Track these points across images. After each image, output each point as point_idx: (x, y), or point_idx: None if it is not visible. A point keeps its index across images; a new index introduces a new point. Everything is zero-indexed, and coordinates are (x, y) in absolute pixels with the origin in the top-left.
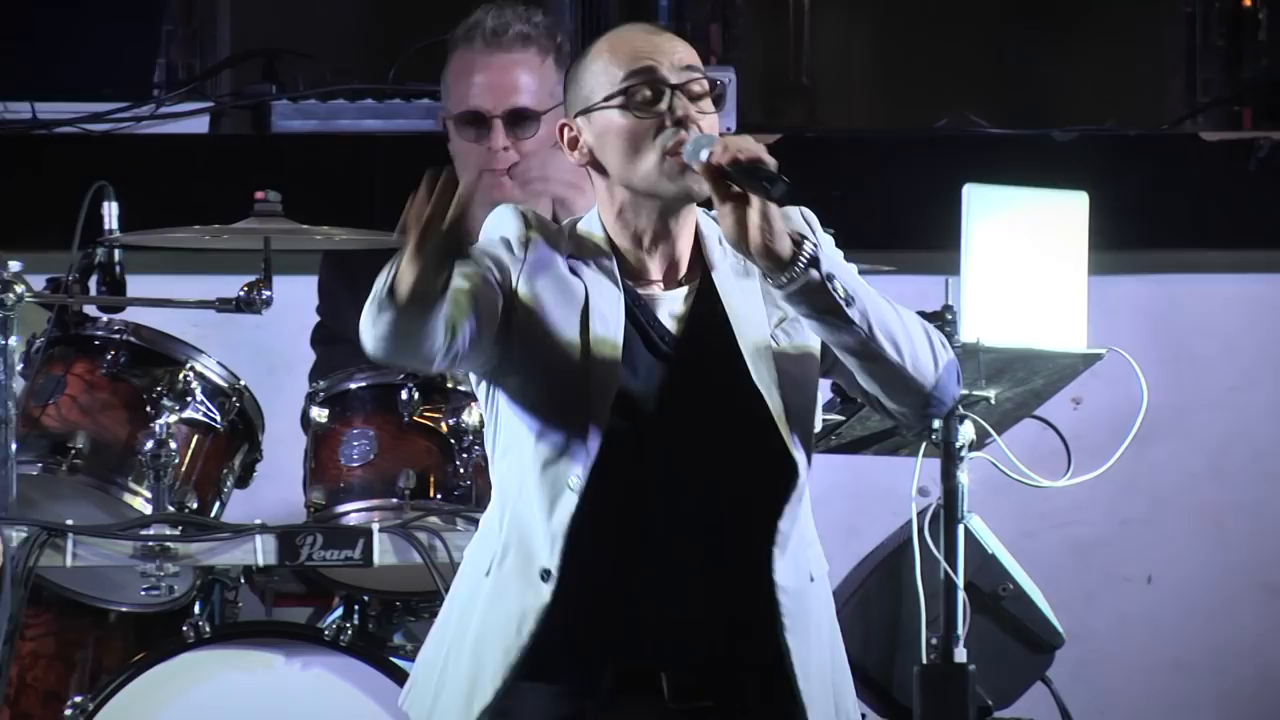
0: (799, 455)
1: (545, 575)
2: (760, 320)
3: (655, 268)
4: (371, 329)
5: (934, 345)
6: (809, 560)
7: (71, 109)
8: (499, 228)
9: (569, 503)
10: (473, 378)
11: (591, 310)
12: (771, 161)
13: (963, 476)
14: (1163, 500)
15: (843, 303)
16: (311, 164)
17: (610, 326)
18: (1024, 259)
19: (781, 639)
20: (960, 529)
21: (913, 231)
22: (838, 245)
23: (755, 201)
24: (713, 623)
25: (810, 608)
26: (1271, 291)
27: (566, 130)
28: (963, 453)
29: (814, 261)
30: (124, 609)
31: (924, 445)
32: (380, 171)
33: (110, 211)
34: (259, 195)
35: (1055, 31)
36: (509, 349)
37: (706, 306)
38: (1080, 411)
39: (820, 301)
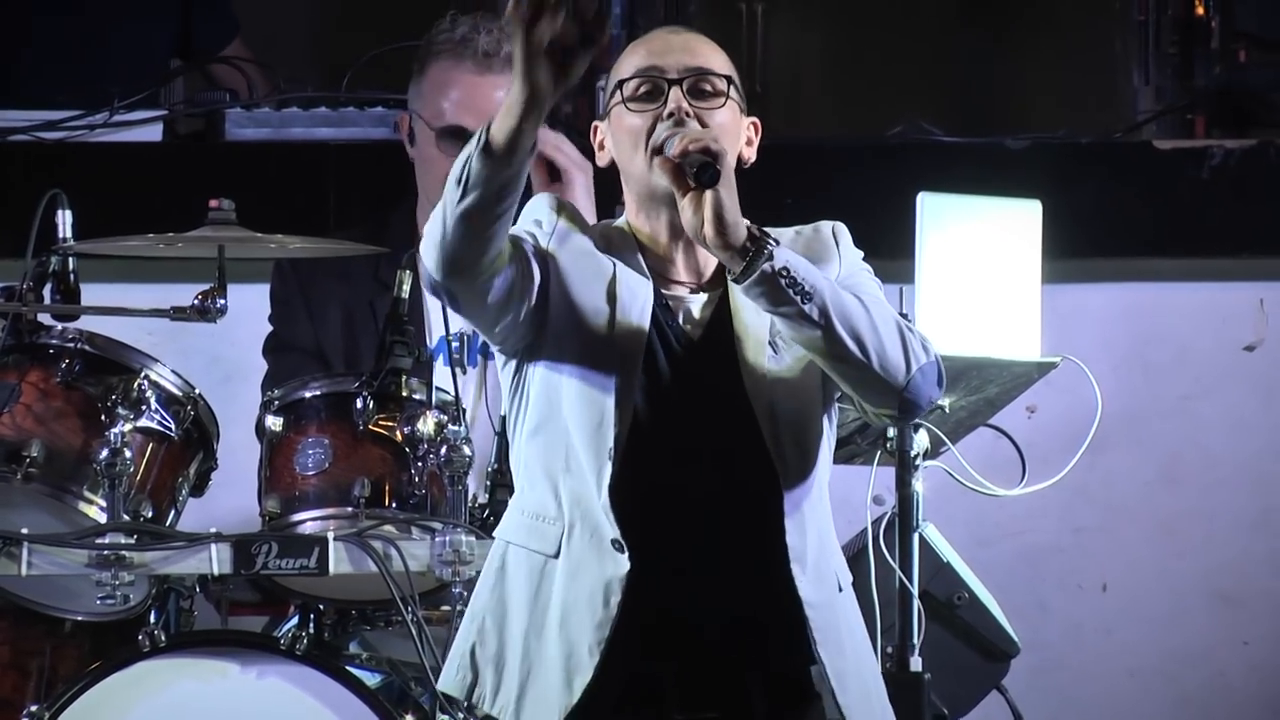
0: (785, 466)
1: (618, 545)
2: (764, 329)
3: (680, 269)
4: (444, 223)
5: (908, 346)
6: (834, 569)
7: (25, 116)
8: (532, 211)
9: (608, 473)
10: (499, 359)
11: (619, 283)
12: (718, 149)
13: (917, 485)
14: (1116, 508)
15: (797, 298)
16: (265, 172)
17: (638, 298)
18: (978, 267)
19: (815, 654)
20: (915, 537)
21: (866, 239)
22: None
23: (709, 194)
24: (743, 636)
25: (840, 617)
26: (1224, 299)
27: (596, 133)
28: (917, 461)
29: (769, 256)
30: (79, 618)
31: (879, 454)
32: (334, 179)
33: (64, 219)
34: (213, 203)
35: (1008, 39)
36: (544, 319)
37: (723, 313)
38: (1034, 420)
39: (775, 295)
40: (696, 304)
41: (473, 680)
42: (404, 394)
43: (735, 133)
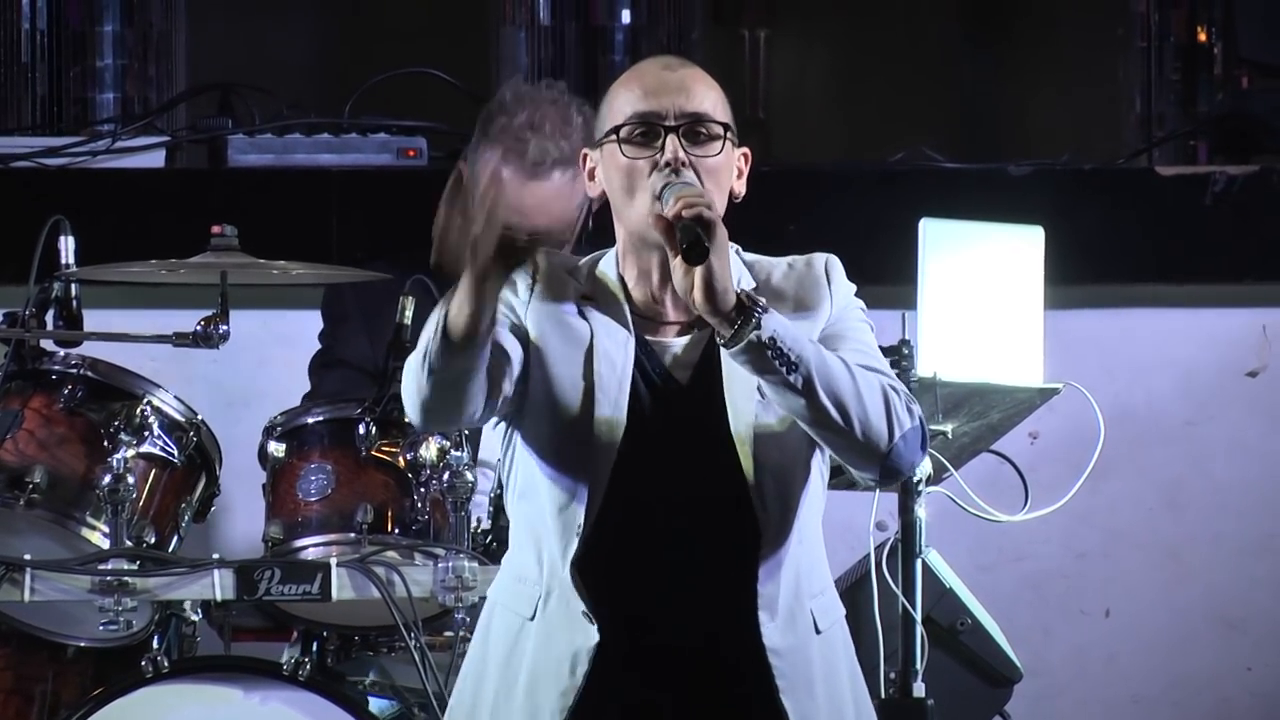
0: (766, 513)
1: (588, 617)
2: (752, 376)
3: (669, 310)
4: (419, 391)
5: (892, 413)
6: (812, 614)
7: (27, 143)
8: (524, 285)
9: (576, 548)
10: (493, 429)
11: (597, 353)
12: (710, 217)
13: (920, 511)
14: (1119, 534)
15: (782, 368)
16: (267, 198)
17: (616, 369)
18: (980, 293)
19: (778, 701)
20: (918, 563)
21: (869, 266)
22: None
23: None
24: (712, 681)
25: (814, 663)
26: (1227, 325)
27: (587, 160)
28: (920, 487)
29: (756, 324)
30: (82, 643)
31: None
32: (336, 206)
33: (67, 246)
34: (215, 229)
35: (1010, 66)
36: (524, 396)
37: (711, 355)
38: (1037, 446)
39: (760, 364)
40: (683, 345)
41: None
42: (407, 420)
43: (729, 175)
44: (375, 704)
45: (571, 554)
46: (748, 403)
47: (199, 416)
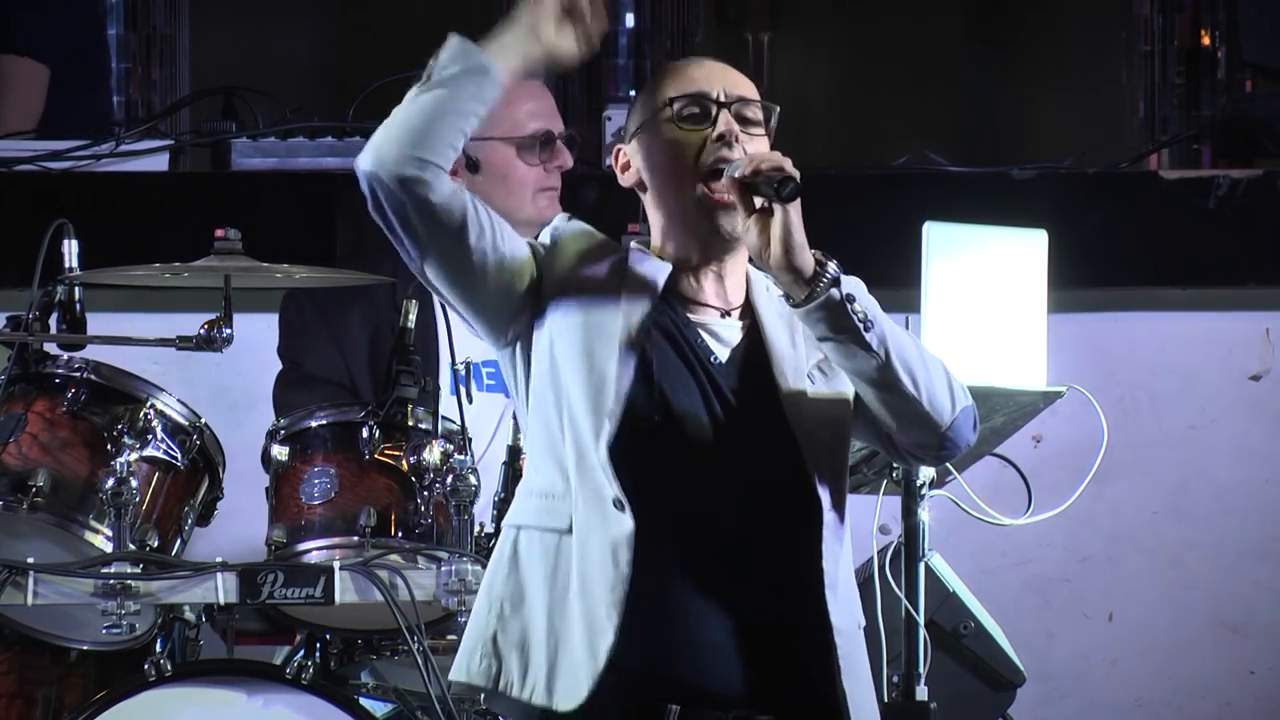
0: (825, 491)
1: (619, 504)
2: (800, 361)
3: (709, 294)
4: (402, 114)
5: (953, 388)
6: (855, 605)
7: (31, 146)
8: (550, 230)
9: (608, 430)
10: (502, 357)
11: (630, 263)
12: (792, 170)
13: (923, 514)
14: (1122, 538)
15: (860, 325)
16: (271, 201)
17: (648, 282)
18: (984, 297)
19: (839, 683)
20: (921, 567)
21: (872, 269)
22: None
23: (779, 215)
24: (773, 662)
25: (859, 652)
26: (1230, 329)
27: (620, 155)
28: (923, 490)
29: (835, 281)
30: (85, 647)
31: (884, 483)
32: (339, 209)
33: (70, 249)
34: (219, 233)
35: (1014, 69)
36: (538, 296)
37: (754, 341)
38: (1040, 449)
39: (838, 322)
40: (721, 326)
41: (498, 668)
42: (410, 423)
43: None
44: (377, 707)
45: (607, 435)
46: (798, 381)
47: (202, 420)
